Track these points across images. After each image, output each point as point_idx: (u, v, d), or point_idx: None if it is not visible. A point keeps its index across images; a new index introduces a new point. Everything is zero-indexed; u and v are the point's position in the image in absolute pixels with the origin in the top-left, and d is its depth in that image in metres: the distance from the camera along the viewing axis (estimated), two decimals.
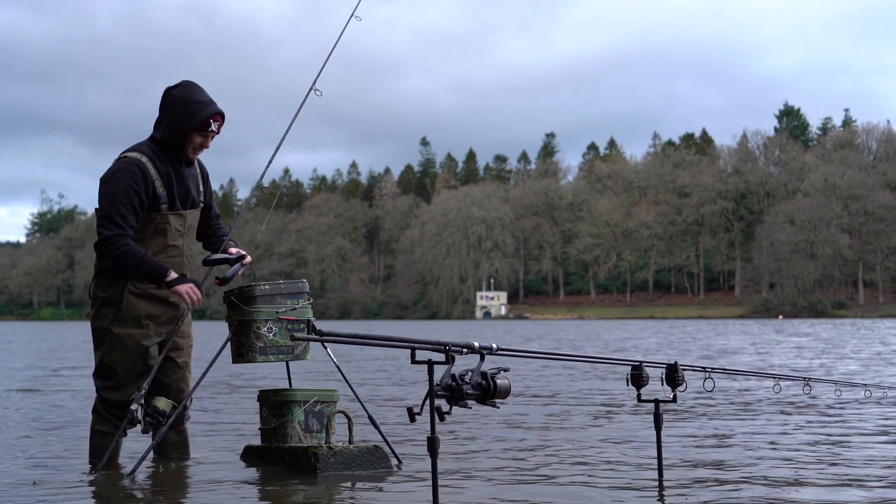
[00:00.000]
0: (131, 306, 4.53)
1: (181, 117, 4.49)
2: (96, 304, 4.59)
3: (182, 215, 4.63)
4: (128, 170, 4.46)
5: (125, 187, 4.43)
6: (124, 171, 4.46)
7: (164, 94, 4.60)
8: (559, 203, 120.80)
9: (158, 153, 4.55)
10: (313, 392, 4.66)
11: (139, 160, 4.49)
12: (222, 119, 4.58)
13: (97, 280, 4.62)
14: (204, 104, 4.51)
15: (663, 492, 3.89)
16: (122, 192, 4.43)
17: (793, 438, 5.56)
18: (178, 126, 4.51)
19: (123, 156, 4.55)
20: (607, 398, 8.32)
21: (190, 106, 4.49)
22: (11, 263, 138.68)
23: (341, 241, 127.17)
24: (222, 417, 7.01)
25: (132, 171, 4.46)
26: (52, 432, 6.18)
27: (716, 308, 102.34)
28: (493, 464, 4.67)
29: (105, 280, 4.57)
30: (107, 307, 4.55)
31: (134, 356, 4.53)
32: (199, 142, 4.57)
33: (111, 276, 4.55)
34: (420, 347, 2.94)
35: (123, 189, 4.43)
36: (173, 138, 4.53)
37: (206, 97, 4.56)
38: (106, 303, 4.56)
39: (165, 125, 4.54)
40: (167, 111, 4.55)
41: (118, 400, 4.54)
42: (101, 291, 4.58)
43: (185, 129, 4.50)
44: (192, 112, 4.49)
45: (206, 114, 4.49)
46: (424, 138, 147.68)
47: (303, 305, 4.67)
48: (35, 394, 9.39)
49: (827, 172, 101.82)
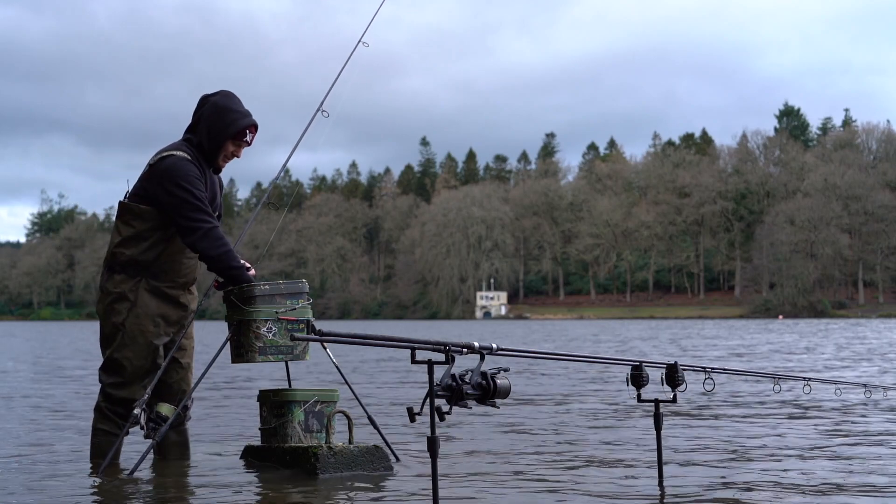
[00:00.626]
0: (146, 304, 4.54)
1: (217, 124, 4.57)
2: (107, 298, 4.58)
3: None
4: (187, 164, 4.51)
5: (193, 180, 4.49)
6: (186, 166, 4.50)
7: (202, 100, 4.66)
8: (559, 203, 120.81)
9: (196, 156, 4.60)
10: (313, 392, 4.66)
11: (188, 158, 4.54)
12: (256, 130, 4.66)
13: (108, 275, 4.60)
14: (241, 114, 4.61)
15: (663, 491, 3.89)
16: (194, 184, 4.48)
17: (807, 441, 5.55)
18: (213, 133, 4.58)
19: (170, 153, 4.55)
20: (607, 398, 8.32)
21: (228, 114, 4.57)
22: (11, 263, 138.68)
23: (341, 241, 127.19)
24: (222, 417, 7.01)
25: (191, 167, 4.52)
26: (52, 432, 6.18)
27: (716, 308, 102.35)
28: (494, 464, 4.67)
29: (119, 275, 4.57)
30: (120, 303, 4.55)
31: (144, 354, 4.55)
32: (232, 150, 4.65)
33: (126, 272, 4.55)
34: (420, 347, 2.94)
35: (193, 181, 4.48)
36: (209, 145, 4.60)
37: (244, 108, 4.65)
38: (119, 298, 4.55)
39: (202, 130, 4.60)
40: (203, 117, 4.61)
41: (123, 397, 4.54)
42: (112, 286, 4.57)
43: (220, 136, 4.58)
44: (230, 121, 4.57)
45: (242, 124, 4.58)
46: (424, 138, 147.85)
47: (303, 305, 4.67)
48: (35, 394, 9.39)
49: (827, 172, 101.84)
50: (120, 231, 4.60)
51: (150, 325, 4.55)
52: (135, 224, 4.55)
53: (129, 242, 4.56)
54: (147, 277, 4.56)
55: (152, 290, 4.57)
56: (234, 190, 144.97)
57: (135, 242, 4.55)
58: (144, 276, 4.56)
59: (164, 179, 4.48)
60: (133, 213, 4.57)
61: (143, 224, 4.54)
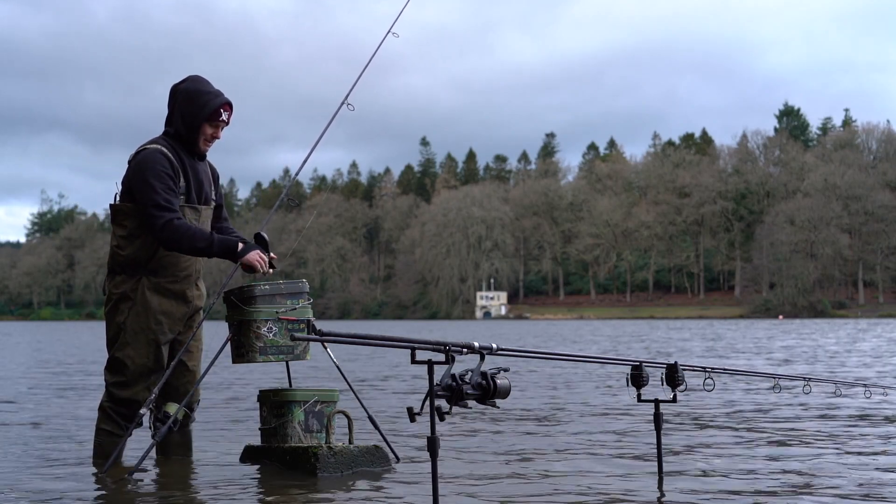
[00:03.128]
0: (147, 301, 4.54)
1: (191, 109, 4.54)
2: (112, 300, 4.60)
3: (197, 209, 4.64)
4: (154, 157, 4.48)
5: (158, 173, 4.45)
6: (151, 159, 4.47)
7: (172, 90, 4.64)
8: (559, 203, 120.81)
9: (174, 147, 4.58)
10: (313, 392, 4.66)
11: (160, 149, 4.52)
12: (231, 109, 4.63)
13: (111, 277, 4.62)
14: (213, 95, 4.57)
15: (663, 491, 3.89)
16: (158, 177, 4.44)
17: (808, 440, 5.55)
18: (189, 118, 4.55)
19: (143, 148, 4.55)
20: (608, 398, 8.32)
21: (200, 97, 4.55)
22: (11, 263, 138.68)
23: (341, 241, 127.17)
24: (222, 417, 7.01)
25: (159, 158, 4.48)
26: (53, 432, 6.18)
27: (716, 308, 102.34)
28: (493, 464, 4.67)
29: (120, 276, 4.58)
30: (123, 302, 4.56)
31: (146, 352, 4.54)
32: (211, 132, 4.61)
33: (126, 272, 4.55)
34: (420, 347, 2.94)
35: (158, 175, 4.44)
36: (186, 131, 4.57)
37: (214, 89, 4.62)
38: (122, 298, 4.56)
39: (177, 119, 4.58)
40: (177, 106, 4.59)
41: (126, 397, 4.54)
42: (115, 288, 4.58)
43: (196, 120, 4.55)
44: (202, 103, 4.54)
45: (216, 104, 4.55)
46: (424, 138, 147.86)
47: (303, 305, 4.67)
48: (34, 393, 9.39)
49: (827, 172, 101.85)
50: (115, 232, 4.61)
51: (151, 322, 4.55)
52: (126, 223, 4.55)
53: (124, 242, 4.55)
54: (147, 275, 4.55)
55: (153, 288, 4.56)
56: (235, 190, 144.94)
57: (129, 242, 4.55)
58: (144, 274, 4.55)
59: (134, 175, 4.49)
60: (123, 213, 4.56)
61: (134, 222, 4.53)
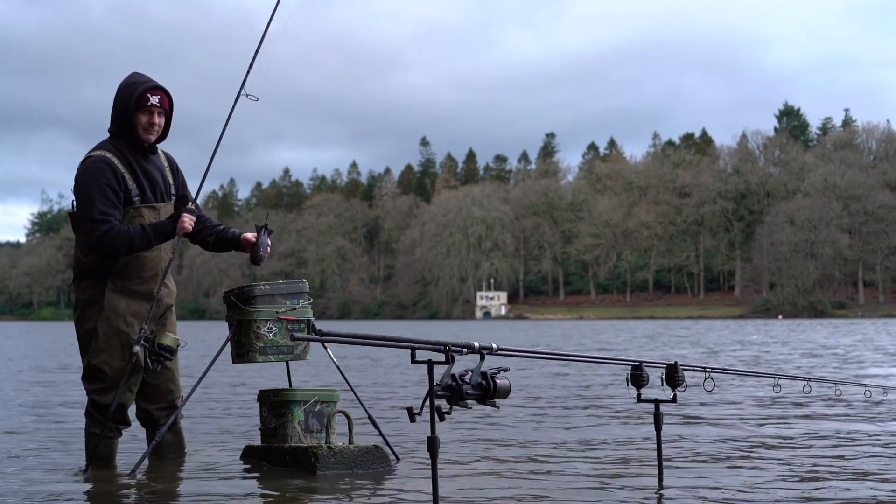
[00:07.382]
0: (114, 305, 4.50)
1: (122, 102, 4.52)
2: (79, 307, 4.59)
3: (155, 208, 4.60)
4: (94, 167, 4.46)
5: (98, 184, 4.43)
6: (91, 170, 4.46)
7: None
8: (559, 203, 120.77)
9: (120, 147, 4.54)
10: (313, 392, 4.66)
11: (103, 156, 4.48)
12: (163, 92, 4.56)
13: (76, 283, 4.62)
14: (140, 83, 4.53)
15: (663, 493, 3.89)
16: (97, 189, 4.42)
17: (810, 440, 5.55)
18: (122, 112, 4.52)
19: (87, 156, 4.55)
20: (608, 398, 8.32)
21: (127, 89, 4.53)
22: (11, 263, 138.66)
23: (341, 241, 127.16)
24: (222, 417, 7.01)
25: (100, 168, 4.45)
26: (48, 433, 6.18)
27: (716, 308, 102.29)
28: (493, 464, 4.67)
29: (84, 282, 4.56)
30: (90, 308, 4.53)
31: (122, 355, 4.49)
32: (146, 120, 4.53)
33: (90, 277, 4.53)
34: (420, 347, 2.94)
35: (97, 186, 4.42)
36: (124, 125, 4.53)
37: (144, 78, 4.57)
38: (89, 304, 4.54)
39: (114, 117, 4.57)
40: (113, 104, 4.57)
41: (108, 403, 4.49)
42: (81, 294, 4.58)
43: (128, 111, 4.51)
44: (129, 94, 4.51)
45: (141, 90, 4.49)
46: (424, 138, 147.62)
47: (303, 305, 4.67)
48: (34, 393, 9.38)
49: (827, 172, 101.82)
50: (76, 240, 4.61)
51: (122, 325, 4.50)
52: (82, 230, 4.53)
53: (85, 248, 4.53)
54: (111, 279, 4.52)
55: (120, 290, 4.52)
56: (235, 190, 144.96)
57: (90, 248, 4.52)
58: (109, 277, 4.52)
59: (76, 186, 4.51)
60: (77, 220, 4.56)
61: None
